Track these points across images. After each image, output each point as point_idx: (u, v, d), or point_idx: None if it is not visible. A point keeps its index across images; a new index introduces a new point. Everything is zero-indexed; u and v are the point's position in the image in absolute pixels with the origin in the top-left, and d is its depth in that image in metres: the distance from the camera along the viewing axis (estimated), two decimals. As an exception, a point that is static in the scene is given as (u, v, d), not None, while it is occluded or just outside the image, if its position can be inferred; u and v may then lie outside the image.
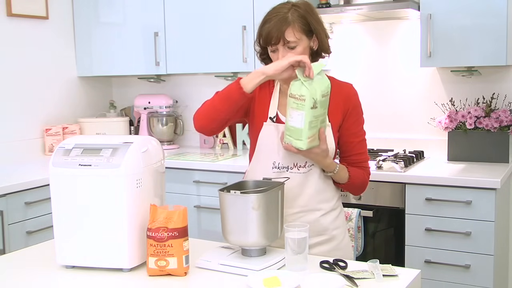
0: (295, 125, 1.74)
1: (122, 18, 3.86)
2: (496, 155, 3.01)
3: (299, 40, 1.81)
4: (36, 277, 1.66)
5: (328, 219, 1.92)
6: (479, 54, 2.86)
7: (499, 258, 2.82)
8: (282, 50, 1.82)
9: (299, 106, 1.72)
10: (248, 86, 1.78)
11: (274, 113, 1.91)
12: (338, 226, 1.96)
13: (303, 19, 1.81)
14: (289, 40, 1.80)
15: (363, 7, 3.01)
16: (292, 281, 1.46)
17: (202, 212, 3.36)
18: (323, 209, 1.91)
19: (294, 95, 1.72)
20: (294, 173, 1.87)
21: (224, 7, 3.51)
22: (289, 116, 1.74)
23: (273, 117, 1.90)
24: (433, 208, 2.73)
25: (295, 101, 1.72)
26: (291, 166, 1.87)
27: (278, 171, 1.88)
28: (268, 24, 1.81)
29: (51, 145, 3.74)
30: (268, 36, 1.81)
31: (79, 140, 1.75)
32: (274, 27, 1.79)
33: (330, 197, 1.93)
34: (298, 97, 1.71)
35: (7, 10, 3.52)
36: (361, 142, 1.94)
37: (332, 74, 3.60)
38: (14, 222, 2.87)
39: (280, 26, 1.79)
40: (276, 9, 1.84)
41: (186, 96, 4.12)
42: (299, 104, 1.72)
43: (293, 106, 1.73)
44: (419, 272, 1.61)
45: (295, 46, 1.81)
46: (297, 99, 1.71)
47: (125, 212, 1.64)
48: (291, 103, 1.73)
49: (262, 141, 1.90)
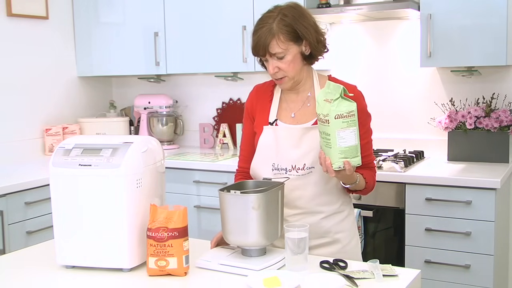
0: (350, 144, 1.68)
1: (122, 18, 3.86)
2: (496, 155, 3.01)
3: (285, 50, 1.80)
4: (36, 277, 1.66)
5: (331, 222, 1.90)
6: (479, 54, 2.86)
7: (499, 258, 2.82)
8: (271, 61, 1.83)
9: (350, 124, 1.66)
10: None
11: (274, 118, 1.92)
12: (343, 229, 1.92)
13: (289, 27, 1.79)
14: (274, 52, 1.80)
15: (363, 7, 3.01)
16: (292, 281, 1.46)
17: (202, 212, 3.36)
18: (325, 212, 1.89)
19: (342, 114, 1.65)
20: (293, 175, 1.86)
21: (224, 7, 3.51)
22: (340, 139, 1.66)
23: (273, 122, 1.92)
24: (433, 208, 2.73)
25: (344, 120, 1.65)
26: (290, 168, 1.87)
27: (278, 173, 1.88)
28: (255, 36, 1.82)
29: (51, 145, 3.74)
30: (255, 49, 1.83)
31: (79, 140, 1.75)
32: (259, 41, 1.80)
33: (333, 200, 1.91)
34: (346, 114, 1.65)
35: (7, 10, 3.52)
36: (368, 144, 1.93)
37: (332, 74, 3.59)
38: (14, 222, 2.87)
39: (265, 39, 1.79)
40: (262, 19, 1.83)
41: (186, 96, 4.12)
42: (350, 121, 1.66)
43: (343, 126, 1.65)
44: (419, 272, 1.61)
45: (283, 56, 1.81)
46: (346, 117, 1.65)
47: (125, 212, 1.63)
48: (340, 124, 1.65)
49: (262, 143, 1.91)
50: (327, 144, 1.68)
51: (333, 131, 1.65)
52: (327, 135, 1.67)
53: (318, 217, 1.88)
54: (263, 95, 1.97)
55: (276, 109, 1.93)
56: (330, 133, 1.66)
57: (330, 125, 1.65)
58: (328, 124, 1.66)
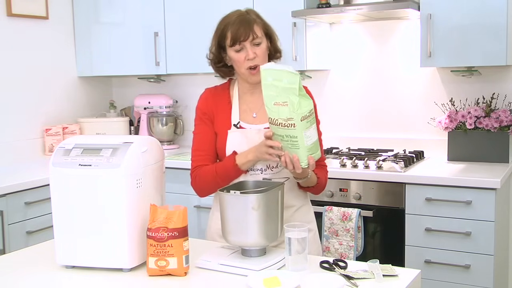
0: (313, 140, 1.72)
1: (122, 18, 3.86)
2: (496, 155, 3.01)
3: (262, 38, 1.89)
4: (36, 277, 1.66)
5: (302, 213, 1.99)
6: (479, 54, 2.86)
7: (499, 258, 2.82)
8: (249, 47, 1.87)
9: (311, 121, 1.70)
10: (245, 167, 1.87)
11: (237, 120, 1.94)
12: (311, 220, 2.04)
13: (261, 20, 1.92)
14: (257, 35, 1.86)
15: (363, 7, 3.01)
16: (292, 281, 1.46)
17: (202, 212, 3.36)
18: (296, 205, 1.98)
19: (305, 115, 1.67)
20: (268, 174, 1.90)
21: (224, 7, 3.45)
22: (307, 138, 1.70)
23: (237, 124, 1.94)
24: (433, 208, 2.73)
25: (308, 120, 1.68)
26: (265, 168, 1.90)
27: (254, 173, 1.91)
28: (233, 25, 1.87)
29: (51, 145, 3.74)
30: (237, 34, 1.86)
31: (79, 140, 1.75)
32: (242, 25, 1.86)
33: (300, 193, 1.99)
34: (308, 114, 1.68)
35: (7, 10, 3.52)
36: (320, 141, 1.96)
37: (332, 74, 3.61)
38: (14, 222, 2.87)
39: (247, 23, 1.86)
40: (232, 14, 1.92)
41: (186, 96, 4.12)
42: (312, 119, 1.70)
43: (307, 126, 1.68)
44: (419, 272, 1.61)
45: (260, 42, 1.88)
46: (308, 116, 1.68)
47: (125, 212, 1.63)
48: (305, 124, 1.68)
49: (232, 147, 1.91)
50: (294, 146, 1.71)
51: (301, 133, 1.68)
52: (293, 137, 1.69)
53: (291, 210, 1.95)
54: (219, 98, 1.99)
55: (237, 111, 1.96)
56: (298, 135, 1.68)
57: (296, 128, 1.68)
58: (294, 128, 1.68)
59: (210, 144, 1.96)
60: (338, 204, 2.90)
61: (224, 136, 1.93)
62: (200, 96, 2.05)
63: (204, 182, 1.92)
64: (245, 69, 1.89)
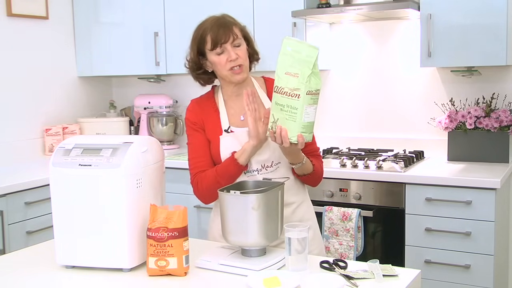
0: (311, 119, 1.72)
1: (122, 18, 3.86)
2: (496, 155, 3.01)
3: (241, 39, 1.91)
4: (36, 277, 1.66)
5: (302, 210, 1.99)
6: (479, 54, 2.86)
7: (499, 258, 2.82)
8: (230, 49, 1.88)
9: (315, 101, 1.71)
10: (242, 158, 1.86)
11: (227, 125, 1.95)
12: (310, 217, 2.02)
13: (237, 22, 1.95)
14: (238, 36, 1.88)
15: (363, 7, 3.01)
16: (292, 281, 1.46)
17: (202, 212, 3.36)
18: (296, 202, 1.97)
19: (312, 91, 1.68)
20: (263, 174, 1.91)
21: (224, 7, 3.47)
22: (306, 114, 1.70)
23: (227, 129, 1.94)
24: (433, 208, 2.73)
25: (312, 96, 1.69)
26: (260, 168, 1.91)
27: (250, 174, 1.91)
28: (212, 29, 1.89)
29: (51, 145, 3.74)
30: (218, 36, 1.87)
31: (79, 140, 1.75)
32: (221, 28, 1.88)
33: (300, 189, 1.99)
34: (315, 92, 1.69)
35: (7, 10, 3.52)
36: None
37: (332, 74, 3.60)
38: (14, 222, 2.87)
39: (226, 25, 1.89)
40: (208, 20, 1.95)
41: (186, 96, 4.11)
42: (316, 98, 1.71)
43: (310, 102, 1.69)
44: (419, 272, 1.61)
45: (240, 44, 1.90)
46: (314, 94, 1.69)
47: (125, 212, 1.63)
48: (309, 100, 1.69)
49: (226, 153, 1.91)
50: (291, 118, 1.71)
51: (302, 106, 1.69)
52: (294, 108, 1.70)
53: (292, 208, 1.95)
54: (205, 107, 2.00)
55: (226, 116, 1.96)
56: (298, 107, 1.69)
57: (300, 99, 1.68)
58: (297, 99, 1.68)
59: (206, 150, 1.96)
60: (338, 204, 2.90)
61: (217, 143, 1.94)
62: (187, 108, 2.05)
63: (206, 185, 1.91)
64: (227, 71, 1.90)
